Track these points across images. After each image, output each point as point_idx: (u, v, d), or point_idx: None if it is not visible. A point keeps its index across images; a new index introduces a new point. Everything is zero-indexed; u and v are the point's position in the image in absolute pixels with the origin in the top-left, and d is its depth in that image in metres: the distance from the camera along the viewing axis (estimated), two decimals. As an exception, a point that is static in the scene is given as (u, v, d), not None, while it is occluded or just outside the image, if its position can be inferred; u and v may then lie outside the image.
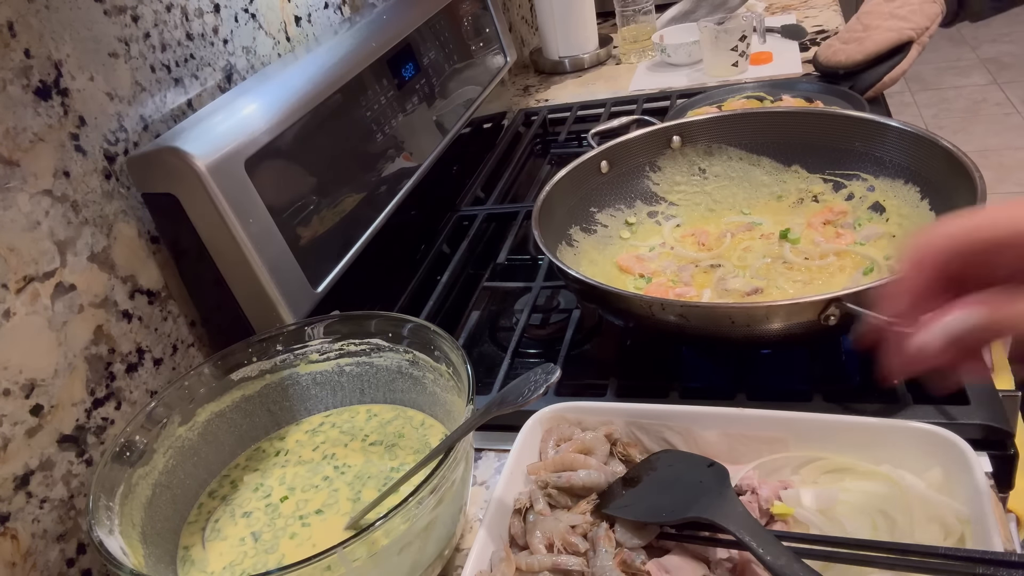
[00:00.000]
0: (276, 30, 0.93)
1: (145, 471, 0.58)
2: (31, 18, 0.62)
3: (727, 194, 0.89)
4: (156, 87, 0.74)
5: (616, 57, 1.57)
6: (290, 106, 0.76)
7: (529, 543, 0.53)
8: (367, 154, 0.88)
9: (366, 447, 0.65)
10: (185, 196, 0.67)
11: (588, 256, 0.83)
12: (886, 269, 0.72)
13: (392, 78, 0.95)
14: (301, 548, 0.56)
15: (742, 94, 1.12)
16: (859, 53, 1.02)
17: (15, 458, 0.58)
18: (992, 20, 1.04)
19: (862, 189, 0.81)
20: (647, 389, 0.68)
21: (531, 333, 0.83)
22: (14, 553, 0.57)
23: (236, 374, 0.66)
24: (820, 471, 0.54)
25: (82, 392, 0.64)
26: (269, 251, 0.70)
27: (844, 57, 1.04)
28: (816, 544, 0.46)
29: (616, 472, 0.56)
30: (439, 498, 0.50)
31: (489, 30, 1.24)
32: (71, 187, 0.64)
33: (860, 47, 1.02)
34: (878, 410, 0.59)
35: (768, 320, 0.59)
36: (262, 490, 0.63)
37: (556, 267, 0.70)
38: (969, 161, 0.67)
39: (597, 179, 0.87)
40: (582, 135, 1.13)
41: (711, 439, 0.56)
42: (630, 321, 0.68)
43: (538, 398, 0.47)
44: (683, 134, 0.89)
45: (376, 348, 0.67)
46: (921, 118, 3.20)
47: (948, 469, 0.49)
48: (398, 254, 0.97)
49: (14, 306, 0.59)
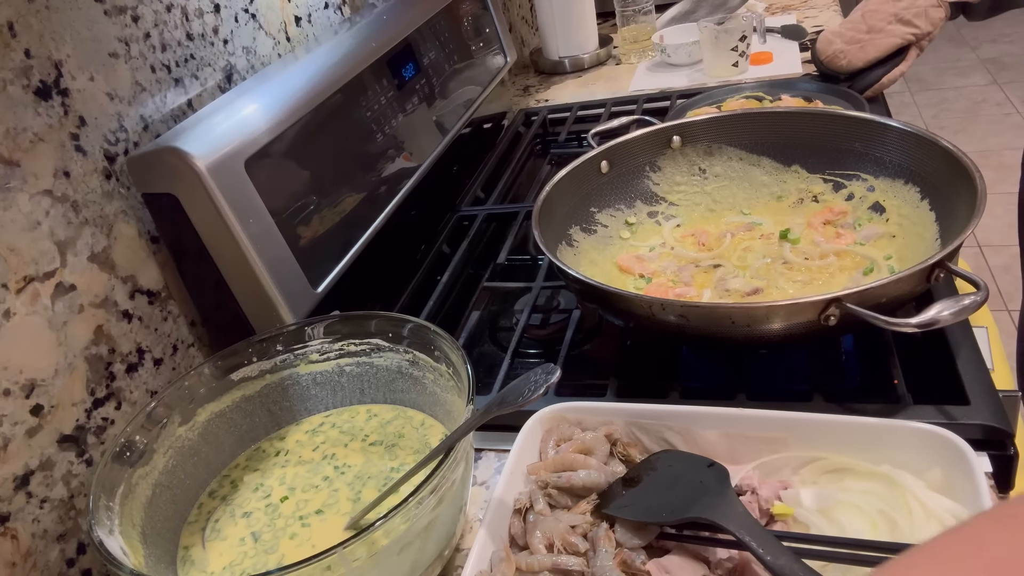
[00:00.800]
0: (276, 30, 0.93)
1: (145, 471, 0.58)
2: (31, 18, 0.62)
3: (727, 194, 0.89)
4: (156, 87, 0.74)
5: (616, 57, 1.57)
6: (290, 106, 0.76)
7: (529, 543, 0.53)
8: (367, 154, 0.88)
9: (366, 447, 0.65)
10: (185, 196, 0.67)
11: (588, 256, 0.83)
12: (886, 269, 0.72)
13: (392, 78, 0.95)
14: (301, 548, 0.56)
15: (741, 94, 1.12)
16: (860, 60, 1.02)
17: (15, 458, 0.58)
18: (992, 20, 1.04)
19: (862, 189, 0.81)
20: (647, 389, 0.68)
21: (531, 333, 0.83)
22: (14, 553, 0.57)
23: (236, 374, 0.66)
24: (820, 471, 0.54)
25: (82, 392, 0.64)
26: (269, 251, 0.70)
27: (845, 63, 1.04)
28: (816, 544, 0.46)
29: (616, 472, 0.56)
30: (439, 498, 0.50)
31: (489, 30, 1.24)
32: (71, 187, 0.64)
33: (862, 52, 1.02)
34: (878, 410, 0.59)
35: (768, 320, 0.59)
36: (262, 490, 0.63)
37: (556, 267, 0.70)
38: (969, 161, 0.67)
39: (597, 179, 0.87)
40: (582, 135, 1.13)
41: (711, 439, 0.56)
42: (630, 321, 0.68)
43: (538, 398, 0.47)
44: (683, 134, 0.89)
45: (376, 348, 0.67)
46: (921, 118, 3.20)
47: (948, 469, 0.49)
48: (398, 254, 0.96)
49: (14, 306, 0.59)
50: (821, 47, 1.08)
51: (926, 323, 0.54)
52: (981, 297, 0.54)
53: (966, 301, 0.54)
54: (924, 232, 0.72)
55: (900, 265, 0.72)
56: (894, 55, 1.02)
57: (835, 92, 1.05)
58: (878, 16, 1.00)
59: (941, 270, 0.59)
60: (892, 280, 0.57)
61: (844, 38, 1.06)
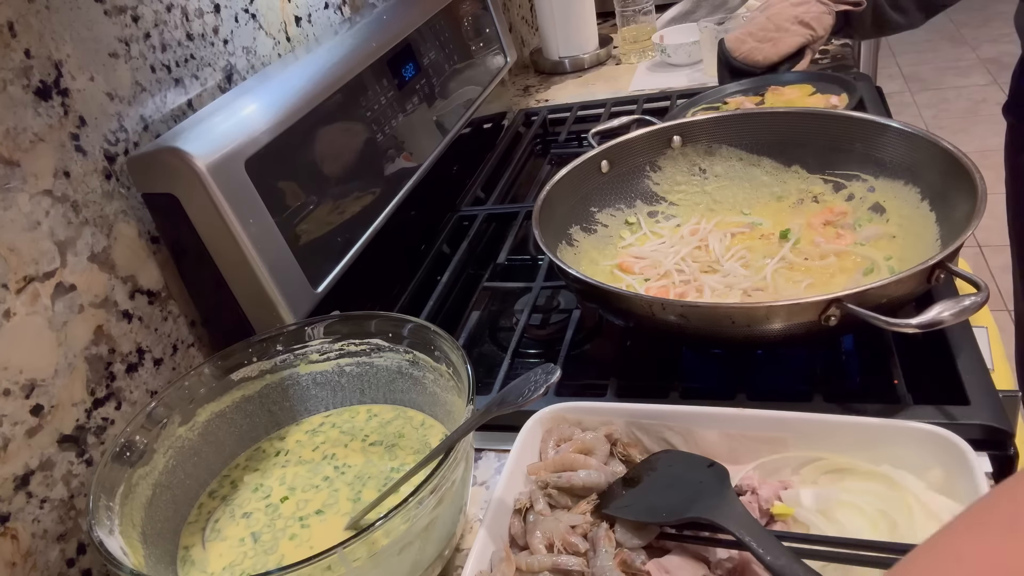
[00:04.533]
0: (276, 30, 0.93)
1: (145, 471, 0.58)
2: (31, 18, 0.62)
3: (727, 194, 0.89)
4: (156, 87, 0.74)
5: (616, 57, 1.57)
6: (290, 106, 0.76)
7: (529, 543, 0.53)
8: (367, 154, 0.88)
9: (366, 447, 0.65)
10: (185, 196, 0.67)
11: (588, 256, 0.83)
12: (886, 270, 0.72)
13: (392, 78, 0.95)
14: (300, 549, 0.56)
15: (741, 94, 1.12)
16: (774, 55, 1.10)
17: (15, 458, 0.58)
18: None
19: (862, 190, 0.81)
20: (647, 389, 0.68)
21: (531, 333, 0.83)
22: (14, 553, 0.57)
23: (236, 374, 0.66)
24: (820, 471, 0.54)
25: (82, 392, 0.64)
26: (269, 251, 0.70)
27: (761, 57, 1.11)
28: (816, 544, 0.46)
29: (616, 472, 0.56)
30: (439, 498, 0.50)
31: (489, 30, 1.24)
32: (71, 187, 0.64)
33: (775, 48, 1.10)
34: (878, 410, 0.59)
35: (768, 320, 0.59)
36: (262, 490, 0.63)
37: (556, 267, 0.70)
38: (969, 162, 0.67)
39: (597, 179, 0.87)
40: (582, 135, 1.13)
41: (711, 439, 0.56)
42: (630, 321, 0.68)
43: (538, 398, 0.47)
44: (683, 134, 0.89)
45: (376, 348, 0.67)
46: (921, 118, 3.20)
47: (948, 469, 0.49)
48: (398, 254, 0.96)
49: (14, 306, 0.59)
50: (733, 46, 1.14)
51: (927, 324, 0.53)
52: (982, 298, 0.54)
53: (967, 302, 0.54)
54: (924, 233, 0.72)
55: (900, 266, 0.72)
56: (795, 54, 1.11)
57: (832, 80, 1.05)
58: (782, 17, 1.09)
59: (941, 271, 0.59)
60: (892, 281, 0.57)
61: (756, 37, 1.12)
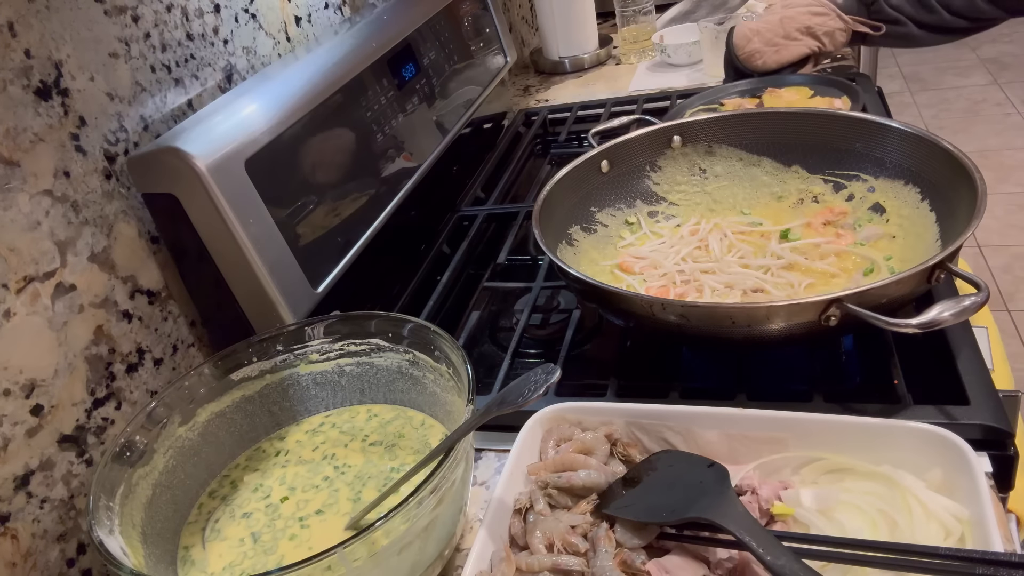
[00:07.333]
0: (276, 30, 0.93)
1: (145, 471, 0.58)
2: (31, 18, 0.62)
3: (727, 194, 0.89)
4: (156, 87, 0.74)
5: (616, 57, 1.57)
6: (290, 106, 0.76)
7: (529, 543, 0.53)
8: (367, 154, 0.88)
9: (366, 447, 0.65)
10: (185, 196, 0.67)
11: (588, 256, 0.83)
12: (886, 270, 0.72)
13: (392, 78, 0.95)
14: (300, 549, 0.56)
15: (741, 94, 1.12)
16: (774, 63, 1.09)
17: (15, 458, 0.58)
18: None
19: (862, 190, 0.81)
20: (647, 389, 0.68)
21: (531, 333, 0.83)
22: (14, 553, 0.57)
23: (236, 374, 0.66)
24: (820, 471, 0.54)
25: (82, 392, 0.64)
26: (269, 251, 0.70)
27: (761, 63, 1.10)
28: (816, 544, 0.46)
29: (616, 472, 0.56)
30: (439, 498, 0.50)
31: (489, 30, 1.24)
32: (71, 187, 0.64)
33: (776, 56, 1.08)
34: (878, 410, 0.59)
35: (768, 320, 0.59)
36: (262, 490, 0.63)
37: (556, 267, 0.70)
38: (969, 161, 0.67)
39: (597, 179, 0.87)
40: (582, 135, 1.13)
41: (711, 439, 0.56)
42: (630, 321, 0.68)
43: (538, 398, 0.47)
44: (683, 134, 0.89)
45: (376, 348, 0.67)
46: (921, 118, 3.20)
47: (948, 469, 0.49)
48: (398, 254, 0.96)
49: (14, 306, 0.59)
50: (739, 43, 1.11)
51: (927, 324, 0.53)
52: (982, 298, 0.54)
53: (967, 302, 0.54)
54: (924, 233, 0.72)
55: (900, 266, 0.72)
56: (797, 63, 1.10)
57: (832, 83, 1.05)
58: (794, 24, 1.07)
59: (941, 271, 0.59)
60: (892, 281, 0.57)
61: (762, 39, 1.09)
